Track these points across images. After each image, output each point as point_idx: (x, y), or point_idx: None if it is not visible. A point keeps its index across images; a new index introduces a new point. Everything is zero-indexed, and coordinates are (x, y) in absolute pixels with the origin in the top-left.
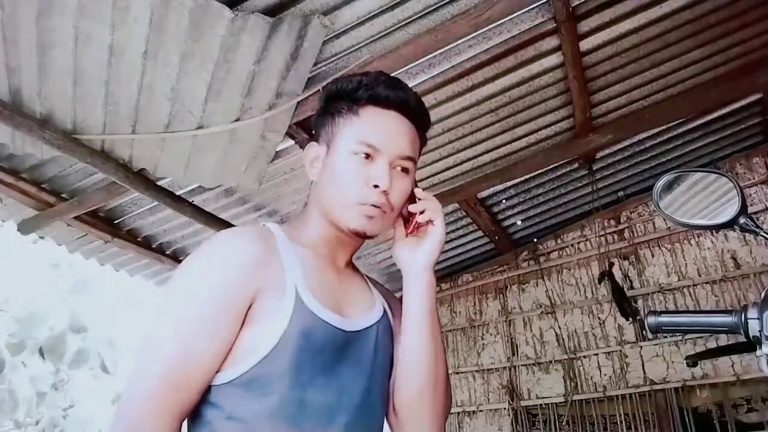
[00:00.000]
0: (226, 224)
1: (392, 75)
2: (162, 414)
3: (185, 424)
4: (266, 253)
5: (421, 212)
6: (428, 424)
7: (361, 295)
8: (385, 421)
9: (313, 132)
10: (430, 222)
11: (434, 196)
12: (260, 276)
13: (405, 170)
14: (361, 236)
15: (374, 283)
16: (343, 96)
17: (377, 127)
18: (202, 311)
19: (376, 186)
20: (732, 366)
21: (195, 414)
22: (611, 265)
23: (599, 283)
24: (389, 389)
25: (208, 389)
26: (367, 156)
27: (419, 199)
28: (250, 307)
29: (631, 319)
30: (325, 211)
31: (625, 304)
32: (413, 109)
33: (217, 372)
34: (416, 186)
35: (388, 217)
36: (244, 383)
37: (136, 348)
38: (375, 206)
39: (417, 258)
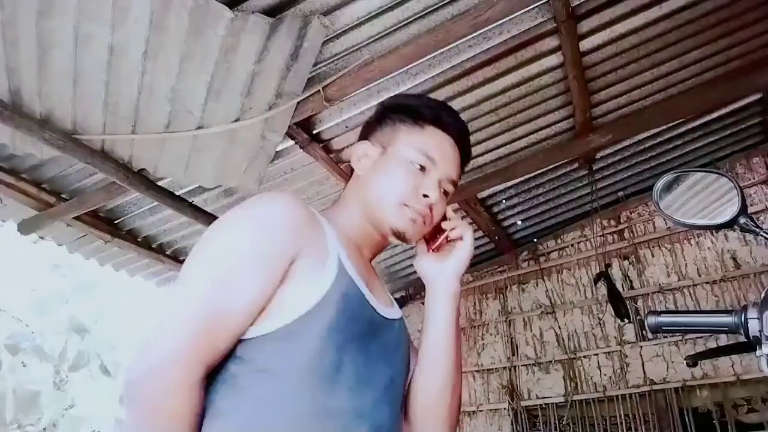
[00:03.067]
0: None
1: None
2: (189, 359)
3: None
4: (308, 216)
5: (452, 229)
6: (443, 428)
7: (382, 290)
8: None
9: (364, 133)
10: (459, 239)
11: None
12: (302, 236)
13: (446, 193)
14: (400, 237)
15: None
16: (407, 110)
17: (438, 146)
18: (244, 261)
19: (425, 196)
20: (732, 366)
21: (218, 369)
22: (608, 266)
23: (595, 284)
24: (404, 392)
25: (236, 343)
26: (422, 168)
27: (449, 219)
28: (291, 265)
29: (626, 320)
30: (366, 206)
31: (619, 305)
32: (465, 142)
33: (250, 326)
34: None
35: (425, 229)
36: (281, 337)
37: (169, 292)
38: (419, 213)
39: (447, 266)
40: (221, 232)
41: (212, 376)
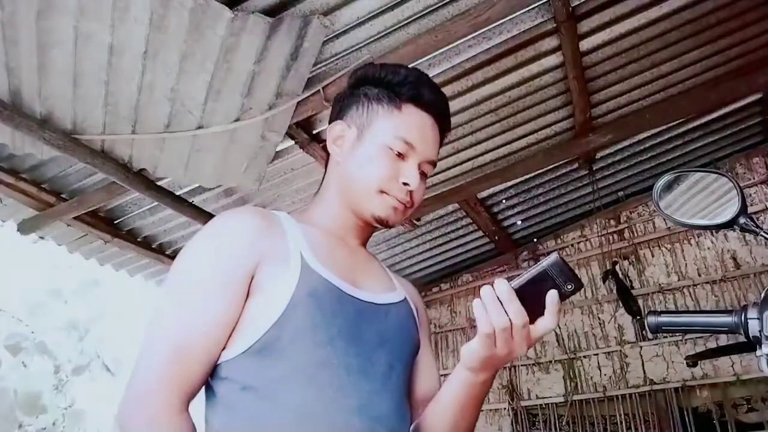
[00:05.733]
0: None
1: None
2: (169, 390)
3: (203, 407)
4: (266, 225)
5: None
6: None
7: (378, 275)
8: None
9: (338, 110)
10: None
11: (434, 196)
12: (260, 246)
13: (424, 174)
14: (384, 224)
15: (395, 275)
16: (383, 85)
17: (417, 129)
18: (202, 286)
19: (405, 184)
20: (732, 366)
21: (210, 393)
22: (614, 263)
23: (603, 282)
24: (410, 382)
25: (219, 366)
26: (401, 154)
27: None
28: (253, 278)
29: (636, 316)
30: (347, 195)
31: (630, 302)
32: (445, 118)
33: (224, 348)
34: None
35: (408, 213)
36: (256, 351)
37: (144, 329)
38: (400, 201)
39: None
40: (181, 262)
41: (207, 399)
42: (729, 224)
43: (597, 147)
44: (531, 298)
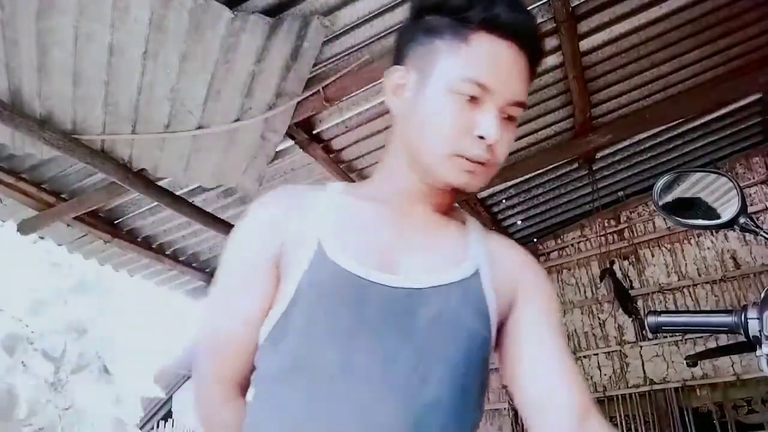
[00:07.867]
0: (226, 224)
1: None
2: (219, 380)
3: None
4: (288, 208)
5: None
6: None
7: (440, 247)
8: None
9: (397, 51)
10: None
11: None
12: (281, 231)
13: (511, 118)
14: (461, 192)
15: (495, 238)
16: (446, 11)
17: (491, 63)
18: (232, 275)
19: (481, 137)
20: (732, 366)
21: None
22: (612, 262)
23: (600, 281)
24: (471, 380)
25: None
26: (473, 98)
27: None
28: (277, 266)
29: (633, 316)
30: (411, 158)
31: (627, 302)
32: (533, 40)
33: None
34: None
35: (492, 170)
36: (270, 341)
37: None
38: (477, 161)
39: None
40: (224, 251)
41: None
42: (729, 224)
43: (597, 147)
44: None
